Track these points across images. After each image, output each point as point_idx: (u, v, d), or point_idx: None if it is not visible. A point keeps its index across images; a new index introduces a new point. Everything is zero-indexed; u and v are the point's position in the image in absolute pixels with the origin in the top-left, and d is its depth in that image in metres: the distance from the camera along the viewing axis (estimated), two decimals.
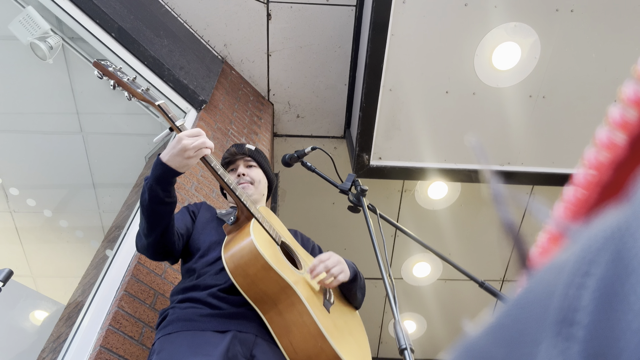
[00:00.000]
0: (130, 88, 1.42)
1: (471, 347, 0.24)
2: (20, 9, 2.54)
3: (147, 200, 1.33)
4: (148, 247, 1.42)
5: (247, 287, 1.28)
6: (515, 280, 4.33)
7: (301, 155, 1.66)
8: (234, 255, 1.30)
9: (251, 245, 1.29)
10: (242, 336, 1.26)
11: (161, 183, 1.33)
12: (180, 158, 1.32)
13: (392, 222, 1.57)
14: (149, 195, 1.33)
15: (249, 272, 1.28)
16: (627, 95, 0.23)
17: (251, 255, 1.28)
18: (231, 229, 1.42)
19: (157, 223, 1.37)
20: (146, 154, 3.04)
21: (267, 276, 1.27)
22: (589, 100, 3.01)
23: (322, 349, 1.23)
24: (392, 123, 3.08)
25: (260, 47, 3.40)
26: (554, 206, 0.27)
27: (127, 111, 3.08)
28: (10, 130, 3.21)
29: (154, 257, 1.46)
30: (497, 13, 2.75)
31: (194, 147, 1.33)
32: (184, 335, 1.25)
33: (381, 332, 4.62)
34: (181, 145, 1.31)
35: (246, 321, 1.30)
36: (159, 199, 1.33)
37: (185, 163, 1.33)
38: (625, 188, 0.23)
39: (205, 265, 1.43)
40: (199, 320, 1.28)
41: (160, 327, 1.34)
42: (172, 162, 1.32)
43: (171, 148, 1.33)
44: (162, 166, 1.33)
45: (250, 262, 1.28)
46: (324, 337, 1.23)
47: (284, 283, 1.27)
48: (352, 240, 4.06)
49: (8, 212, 3.38)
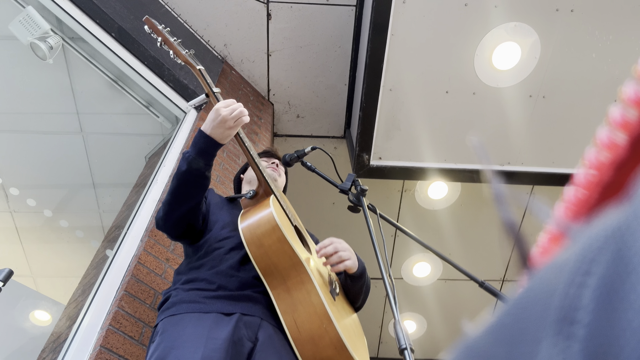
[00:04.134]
0: (176, 48, 1.48)
1: (472, 346, 0.24)
2: (20, 9, 2.54)
3: (187, 173, 1.34)
4: (174, 220, 1.40)
5: (259, 257, 1.28)
6: (515, 280, 4.33)
7: (301, 155, 1.66)
8: (251, 225, 1.31)
9: (270, 216, 1.30)
10: (247, 319, 1.25)
11: (203, 155, 1.35)
12: (222, 129, 1.35)
13: (392, 222, 1.58)
14: (189, 167, 1.34)
15: (264, 243, 1.28)
16: (628, 95, 0.23)
17: (268, 226, 1.29)
18: (248, 203, 1.45)
19: (192, 196, 1.38)
20: (146, 154, 3.04)
21: (281, 249, 1.27)
22: (589, 100, 3.01)
23: (326, 330, 1.20)
24: (392, 123, 3.09)
25: (260, 47, 3.40)
26: (554, 206, 0.27)
27: (127, 111, 3.08)
28: (10, 130, 3.21)
29: (174, 232, 1.43)
30: (497, 13, 2.75)
31: (234, 117, 1.36)
32: (188, 318, 1.23)
33: (381, 332, 4.62)
34: (221, 117, 1.34)
35: (251, 303, 1.29)
36: (200, 172, 1.35)
37: (228, 134, 1.37)
38: (625, 188, 0.23)
39: (214, 243, 1.42)
40: (204, 302, 1.27)
41: (163, 309, 1.32)
42: (215, 133, 1.35)
43: (211, 120, 1.36)
44: (205, 138, 1.35)
45: (267, 233, 1.28)
46: (329, 319, 1.21)
47: (296, 259, 1.27)
48: (352, 240, 4.04)
49: (8, 212, 3.38)
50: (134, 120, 3.17)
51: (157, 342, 1.20)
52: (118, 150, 3.37)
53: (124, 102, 2.90)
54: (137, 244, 1.92)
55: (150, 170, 2.55)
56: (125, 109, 3.07)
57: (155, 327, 1.29)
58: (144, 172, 2.81)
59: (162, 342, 1.19)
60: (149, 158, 2.97)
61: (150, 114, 2.88)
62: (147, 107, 2.87)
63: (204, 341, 1.14)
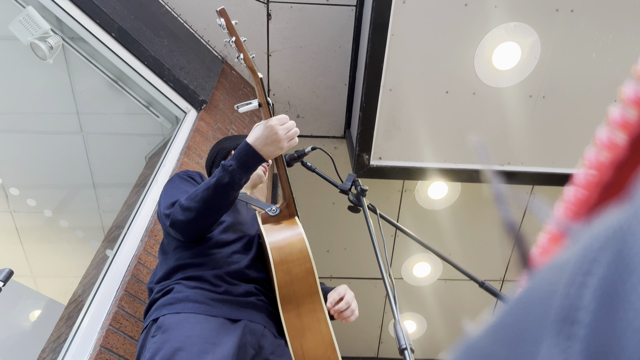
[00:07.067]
0: (245, 52, 1.37)
1: (472, 346, 0.24)
2: (20, 9, 2.54)
3: (227, 186, 1.26)
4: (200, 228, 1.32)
5: (284, 283, 1.28)
6: (515, 280, 4.33)
7: (301, 155, 1.66)
8: (282, 250, 1.30)
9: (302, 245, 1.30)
10: (252, 326, 1.25)
11: (247, 170, 1.29)
12: (274, 148, 1.29)
13: (392, 222, 1.57)
14: (231, 180, 1.26)
15: (292, 271, 1.28)
16: (628, 95, 0.23)
17: (300, 255, 1.29)
18: (269, 219, 1.40)
19: (223, 208, 1.31)
20: (146, 154, 3.04)
21: (305, 279, 1.28)
22: (589, 100, 3.01)
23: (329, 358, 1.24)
24: (392, 123, 3.09)
25: (260, 47, 3.40)
26: (554, 206, 0.27)
27: (127, 111, 3.08)
28: (10, 130, 3.21)
29: (193, 237, 1.36)
30: (497, 13, 2.75)
31: (288, 137, 1.30)
32: (194, 318, 1.20)
33: (381, 332, 4.62)
34: (277, 135, 1.28)
35: (255, 311, 1.29)
36: (239, 186, 1.29)
37: (278, 153, 1.31)
38: (625, 188, 0.23)
39: (216, 244, 1.37)
40: (210, 304, 1.24)
41: (163, 302, 1.26)
42: (265, 151, 1.29)
43: (264, 137, 1.28)
44: (253, 154, 1.28)
45: (298, 262, 1.29)
46: (334, 349, 1.25)
47: (315, 289, 1.29)
48: (352, 240, 4.06)
49: (8, 212, 3.38)
50: (134, 120, 3.17)
51: (161, 339, 1.16)
52: (118, 150, 3.37)
53: (124, 102, 2.90)
54: (137, 244, 1.92)
55: (150, 170, 2.55)
56: (125, 109, 3.07)
57: (155, 320, 1.24)
58: (144, 172, 2.81)
59: (167, 340, 1.15)
60: (149, 158, 2.96)
61: (150, 114, 2.88)
62: (147, 107, 2.87)
63: (212, 347, 1.13)
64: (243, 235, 1.44)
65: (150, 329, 1.24)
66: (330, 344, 1.25)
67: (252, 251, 1.40)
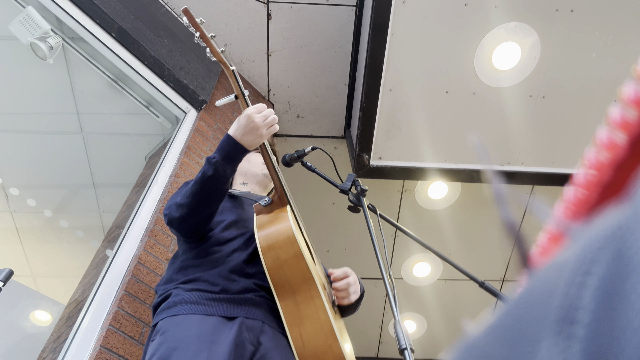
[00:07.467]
0: (212, 45, 1.43)
1: (472, 346, 0.24)
2: (20, 9, 2.54)
3: (212, 178, 1.30)
4: (192, 224, 1.36)
5: (274, 270, 1.28)
6: (515, 280, 4.33)
7: (301, 155, 1.66)
8: (268, 237, 1.31)
9: (289, 231, 1.31)
10: (250, 322, 1.25)
11: (230, 162, 1.32)
12: (254, 136, 1.32)
13: (392, 222, 1.58)
14: (215, 173, 1.29)
15: (280, 256, 1.29)
16: (627, 95, 0.23)
17: (287, 241, 1.30)
18: (262, 210, 1.43)
19: (214, 202, 1.34)
20: (146, 154, 3.04)
21: (295, 264, 1.28)
22: (589, 100, 3.01)
23: (330, 347, 1.22)
24: (392, 123, 3.09)
25: (260, 47, 3.40)
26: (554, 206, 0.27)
27: (127, 111, 3.08)
28: (10, 130, 3.21)
29: (191, 234, 1.40)
30: (497, 13, 2.75)
31: (266, 124, 1.33)
32: (191, 319, 1.21)
33: (381, 332, 4.62)
34: (254, 124, 1.31)
35: (254, 307, 1.29)
36: (226, 178, 1.32)
37: (258, 141, 1.34)
38: (625, 188, 0.23)
39: (217, 243, 1.40)
40: (207, 304, 1.26)
41: (163, 307, 1.29)
42: (245, 140, 1.32)
43: (243, 127, 1.32)
44: (234, 145, 1.31)
45: (285, 247, 1.29)
46: (334, 336, 1.23)
47: (309, 275, 1.28)
48: (352, 240, 4.06)
49: (8, 212, 3.38)
50: (134, 120, 3.17)
51: (159, 342, 1.18)
52: (118, 150, 3.37)
53: (124, 102, 2.90)
54: (137, 244, 1.92)
55: (150, 170, 2.55)
56: (125, 109, 3.07)
57: (155, 325, 1.27)
58: (144, 172, 2.81)
59: (163, 342, 1.17)
60: (149, 158, 2.96)
61: (150, 114, 2.88)
62: (147, 107, 2.87)
63: (208, 345, 1.14)
64: (245, 232, 1.45)
65: (151, 334, 1.27)
66: (330, 332, 1.23)
67: (251, 246, 1.41)
